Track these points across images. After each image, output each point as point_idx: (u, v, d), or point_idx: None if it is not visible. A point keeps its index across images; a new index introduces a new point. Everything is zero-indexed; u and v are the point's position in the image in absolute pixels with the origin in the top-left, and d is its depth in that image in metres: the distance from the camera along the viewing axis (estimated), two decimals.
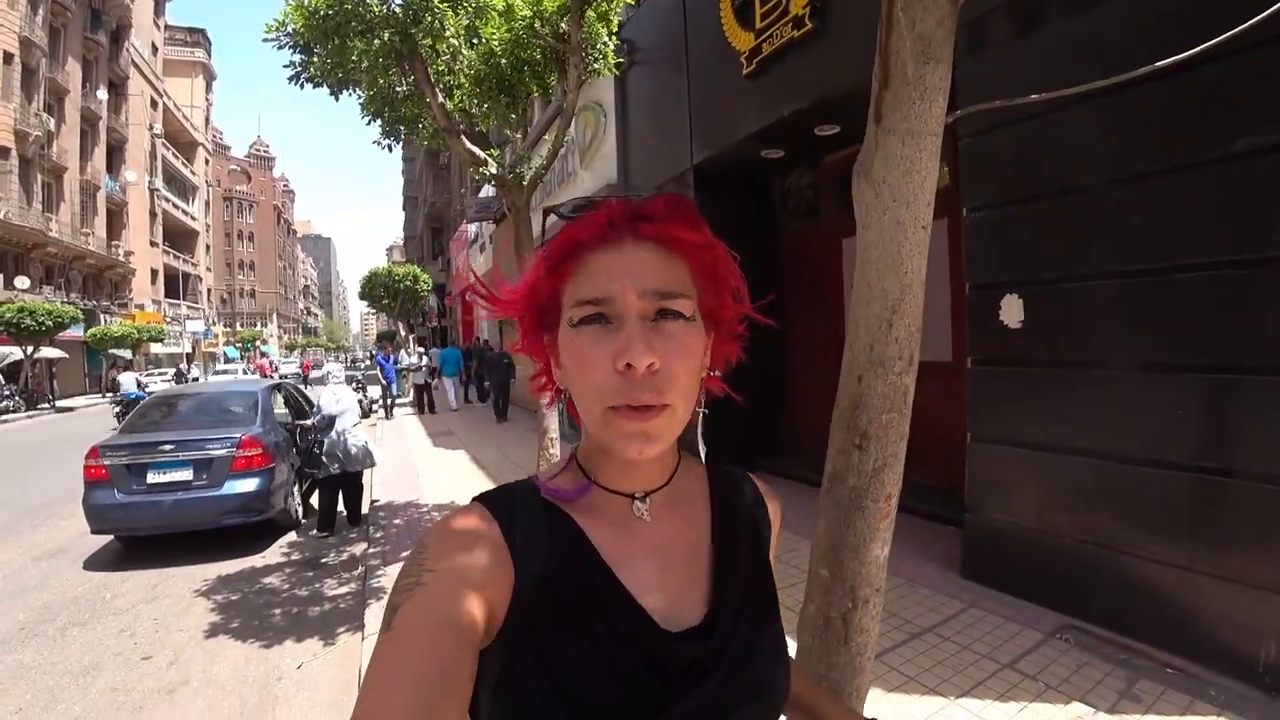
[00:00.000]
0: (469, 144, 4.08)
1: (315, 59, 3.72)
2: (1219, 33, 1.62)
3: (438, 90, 3.87)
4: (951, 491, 4.69)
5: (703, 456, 0.72)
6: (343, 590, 4.60)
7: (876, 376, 1.32)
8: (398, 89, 4.01)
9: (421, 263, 24.26)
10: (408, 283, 16.96)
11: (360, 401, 11.59)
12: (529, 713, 0.55)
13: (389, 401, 15.06)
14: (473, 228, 20.74)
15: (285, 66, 3.84)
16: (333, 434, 5.83)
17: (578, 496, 0.64)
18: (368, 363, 29.28)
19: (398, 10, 3.30)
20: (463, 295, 24.79)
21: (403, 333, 20.22)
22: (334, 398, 5.95)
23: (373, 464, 6.06)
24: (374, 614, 3.91)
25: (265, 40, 3.67)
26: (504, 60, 3.96)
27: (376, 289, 16.98)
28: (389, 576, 4.51)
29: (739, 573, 0.67)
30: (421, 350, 16.80)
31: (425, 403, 15.34)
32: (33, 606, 4.53)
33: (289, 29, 3.67)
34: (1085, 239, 3.37)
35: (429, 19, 3.32)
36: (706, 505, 0.71)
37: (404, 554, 4.94)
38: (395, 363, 15.48)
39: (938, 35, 1.28)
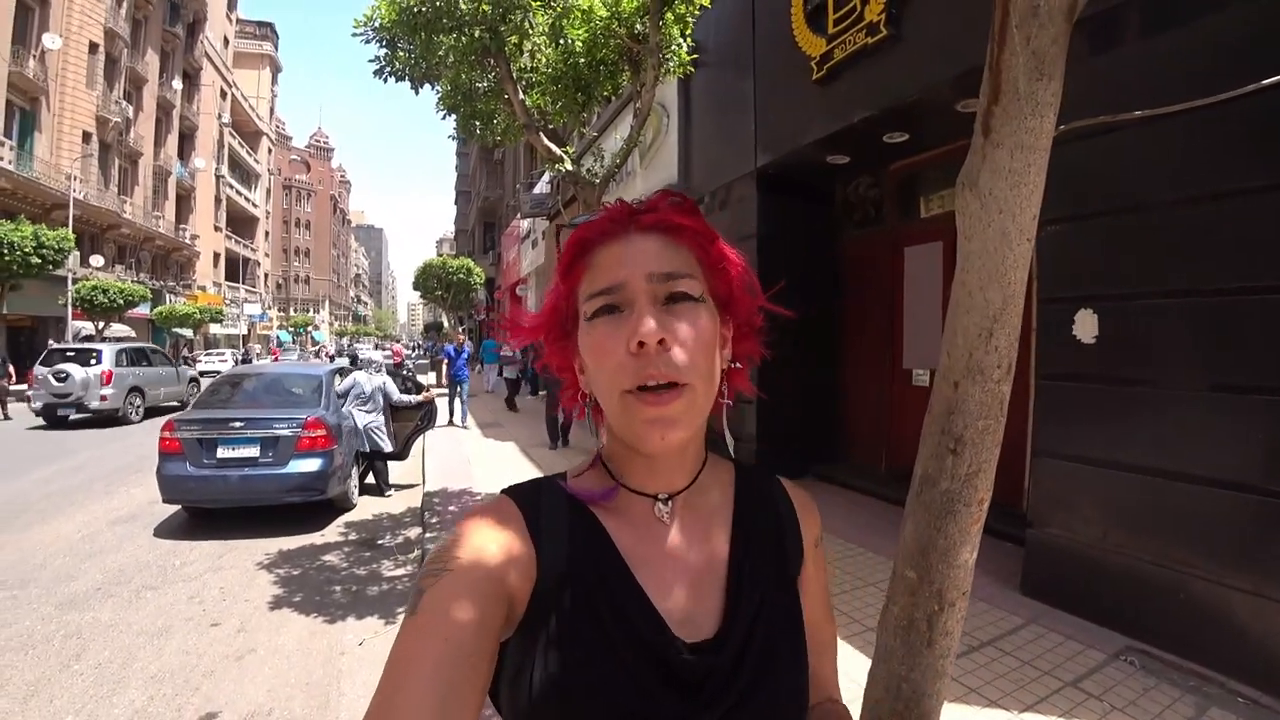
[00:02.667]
0: (546, 140, 4.15)
1: (400, 53, 3.83)
2: None
3: (518, 87, 3.94)
4: (1009, 506, 4.58)
5: (730, 448, 0.73)
6: (399, 572, 4.72)
7: (974, 383, 1.31)
8: (478, 85, 4.10)
9: (472, 255, 24.71)
10: (460, 275, 17.28)
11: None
12: (543, 708, 0.56)
13: (459, 405, 11.93)
14: (525, 223, 21.02)
15: (370, 61, 3.97)
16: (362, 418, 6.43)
17: (602, 498, 0.65)
18: (415, 353, 29.81)
19: (487, 8, 3.38)
20: (512, 290, 25.12)
21: (448, 324, 20.61)
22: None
23: (384, 449, 6.81)
24: None
25: (354, 34, 3.79)
26: (582, 59, 4.01)
27: (430, 280, 17.31)
28: None
29: (756, 583, 0.66)
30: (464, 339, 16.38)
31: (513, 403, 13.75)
32: (108, 568, 4.76)
33: (376, 23, 3.79)
34: (1162, 256, 3.30)
35: (517, 17, 3.39)
36: (729, 510, 0.70)
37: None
38: (465, 357, 12.12)
39: (1052, 52, 1.26)
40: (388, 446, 6.86)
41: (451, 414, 12.05)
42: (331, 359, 42.89)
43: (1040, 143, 1.27)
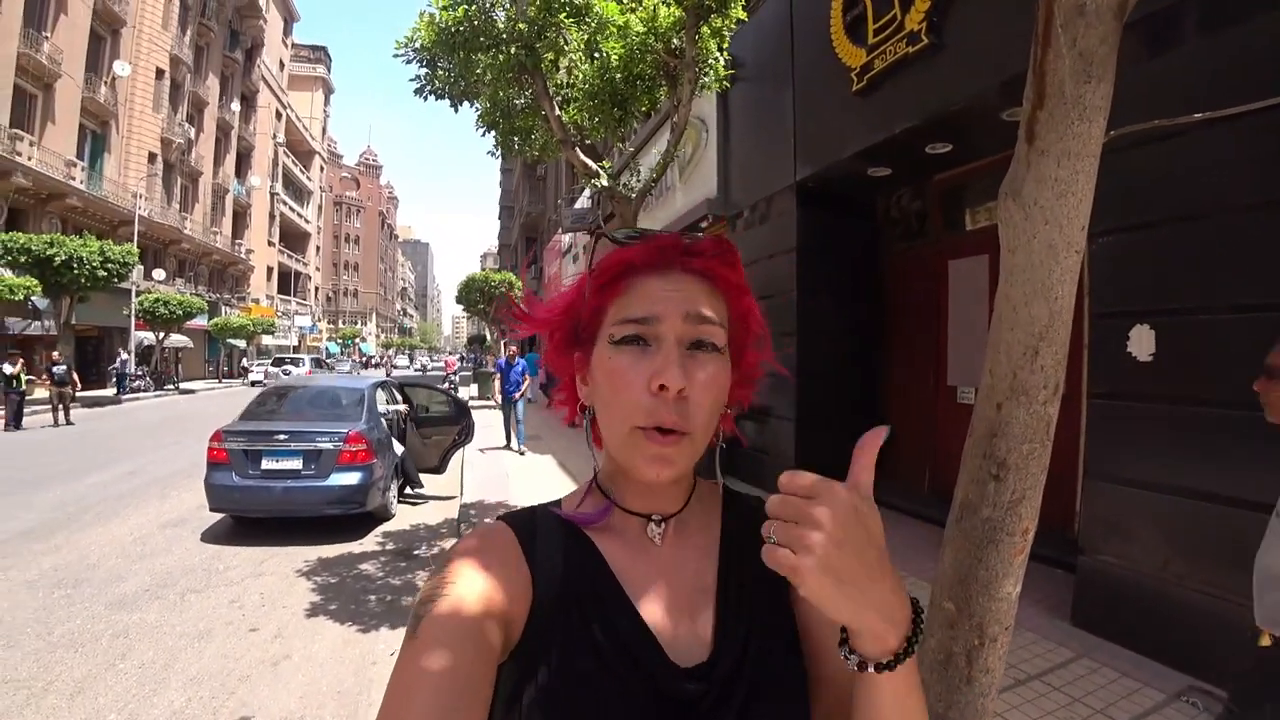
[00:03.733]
0: (582, 155, 4.18)
1: (440, 72, 3.91)
2: None
3: (554, 103, 3.99)
4: (1059, 531, 4.38)
5: (720, 488, 0.74)
6: None
7: (1019, 405, 1.26)
8: (515, 101, 4.17)
9: (515, 269, 25.10)
10: (503, 289, 17.57)
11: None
12: None
13: (513, 428, 10.47)
14: (567, 238, 21.28)
15: (411, 80, 4.06)
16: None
17: (599, 519, 0.66)
18: (461, 365, 30.22)
19: (522, 27, 3.43)
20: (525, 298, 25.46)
21: (490, 337, 20.92)
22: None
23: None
24: None
25: (395, 55, 3.90)
26: (618, 75, 4.04)
27: (473, 294, 17.63)
28: None
29: (744, 605, 0.66)
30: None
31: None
32: (157, 570, 4.91)
33: (416, 44, 3.89)
34: (1223, 268, 3.12)
35: (552, 34, 3.44)
36: (717, 533, 0.71)
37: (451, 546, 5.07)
38: (520, 371, 10.51)
39: (1100, 52, 1.22)
40: None
41: (508, 438, 10.68)
42: (388, 371, 44.02)
43: (1089, 149, 1.21)
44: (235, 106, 37.39)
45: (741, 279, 0.65)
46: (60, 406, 14.09)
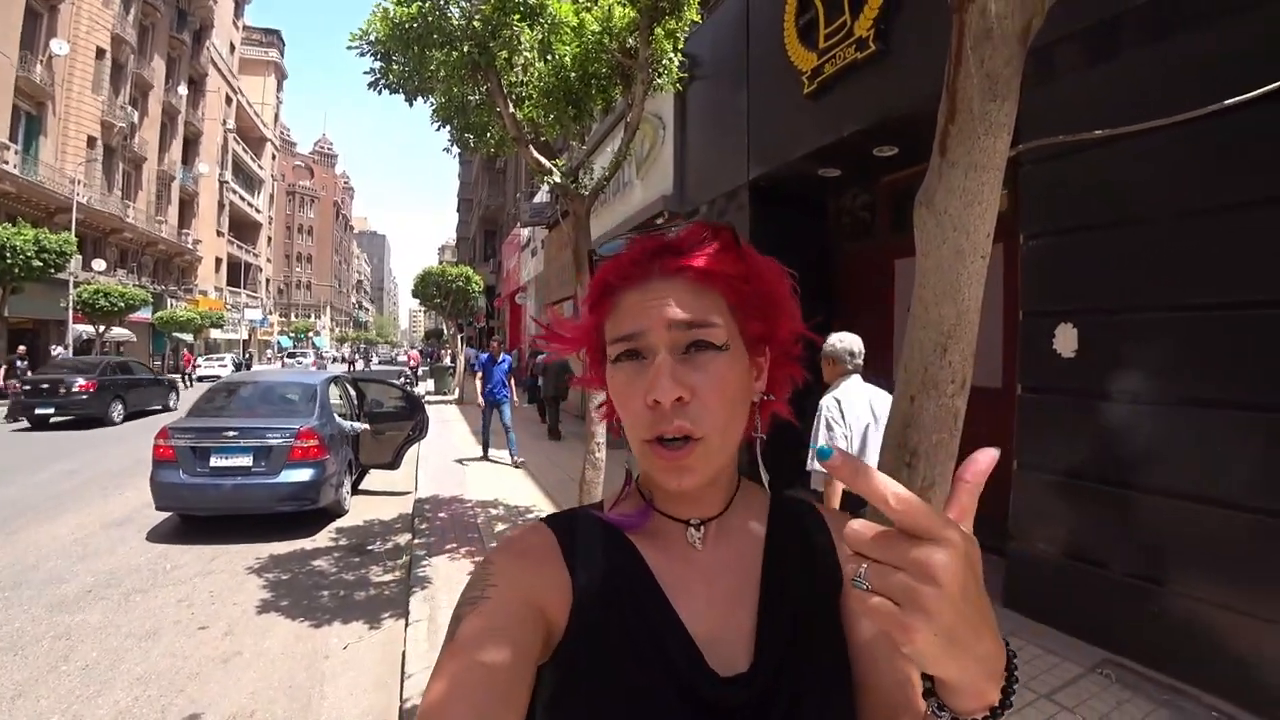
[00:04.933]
0: (535, 152, 4.21)
1: (394, 67, 3.90)
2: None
3: (509, 100, 4.01)
4: (994, 518, 4.61)
5: (765, 483, 0.70)
6: (387, 578, 4.76)
7: (929, 398, 1.34)
8: (470, 98, 4.17)
9: (473, 263, 24.85)
10: (460, 283, 17.34)
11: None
12: None
13: (506, 435, 8.73)
14: (525, 232, 21.14)
15: (365, 73, 4.04)
16: None
17: (638, 523, 0.66)
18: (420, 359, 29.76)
19: (477, 24, 3.45)
20: (511, 298, 25.23)
21: (447, 331, 20.68)
22: None
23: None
24: (418, 602, 4.03)
25: (349, 48, 3.87)
26: (573, 74, 4.08)
27: (429, 287, 17.36)
28: (433, 567, 4.64)
29: (789, 612, 0.64)
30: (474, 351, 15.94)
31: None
32: (100, 571, 4.79)
33: (371, 37, 3.87)
34: (1143, 271, 3.32)
35: (506, 33, 3.46)
36: (761, 538, 0.69)
37: (448, 545, 5.11)
38: (506, 369, 9.17)
39: (1005, 74, 1.32)
40: None
41: (486, 447, 9.15)
42: (351, 365, 42.86)
43: (994, 162, 1.30)
44: (182, 90, 36.00)
45: (731, 265, 0.61)
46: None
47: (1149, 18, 3.25)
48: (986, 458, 0.43)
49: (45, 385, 12.83)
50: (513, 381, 9.29)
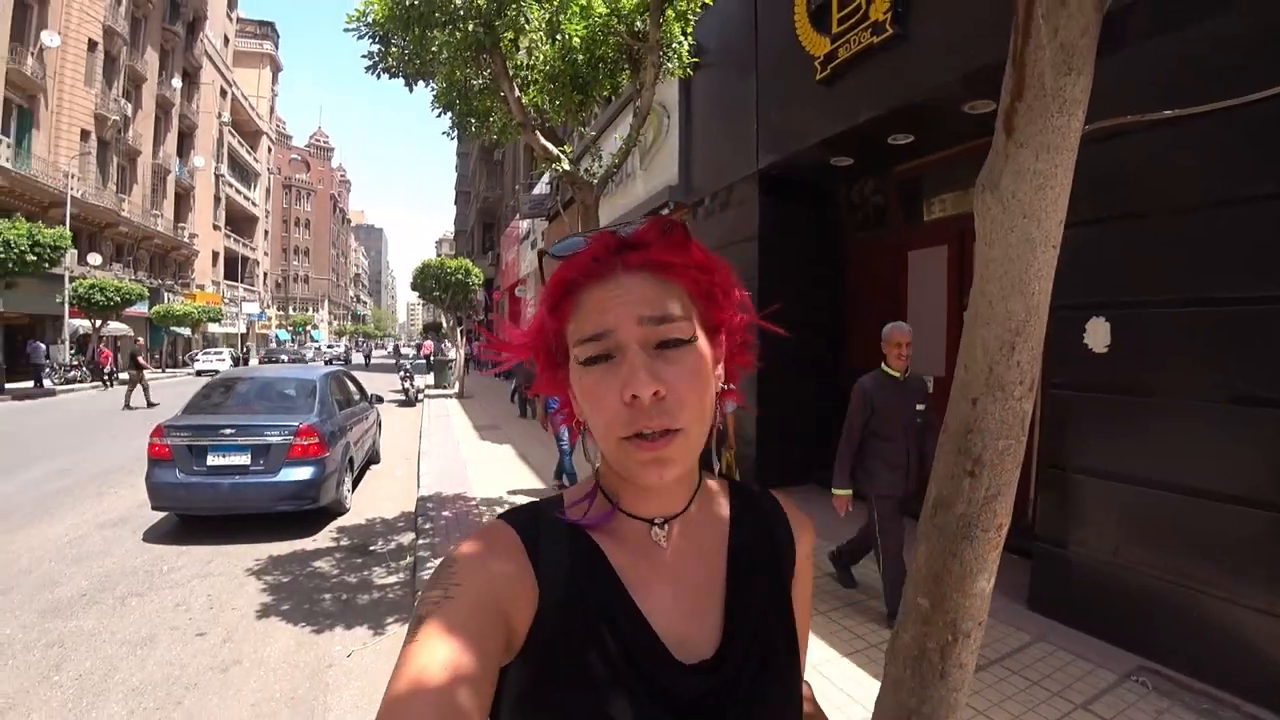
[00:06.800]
0: (543, 139, 4.05)
1: (394, 49, 3.73)
2: None
3: (514, 84, 3.85)
4: (1016, 518, 4.50)
5: (715, 469, 0.73)
6: (391, 580, 4.62)
7: (994, 400, 1.23)
8: (473, 82, 4.00)
9: (472, 256, 24.63)
10: (459, 276, 17.09)
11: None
12: None
13: (565, 463, 6.58)
14: (525, 224, 20.98)
15: (363, 56, 3.87)
16: None
17: (600, 523, 0.65)
18: (414, 353, 29.61)
19: (482, 2, 3.28)
20: (511, 291, 25.10)
21: (446, 324, 20.55)
22: None
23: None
24: None
25: (346, 30, 3.69)
26: (580, 56, 3.92)
27: (428, 280, 17.11)
28: None
29: (754, 603, 0.66)
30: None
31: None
32: (94, 574, 4.66)
33: (369, 18, 3.70)
34: (1179, 263, 3.21)
35: (513, 12, 3.29)
36: (725, 530, 0.70)
37: (453, 545, 4.95)
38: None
39: (1081, 44, 1.19)
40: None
41: (566, 474, 6.55)
42: (367, 358, 42.47)
43: (1068, 142, 1.18)
44: (176, 83, 35.63)
45: (692, 256, 0.61)
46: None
47: None
48: None
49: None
50: None
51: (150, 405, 15.17)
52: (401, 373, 17.28)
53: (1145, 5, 3.28)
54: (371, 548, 5.37)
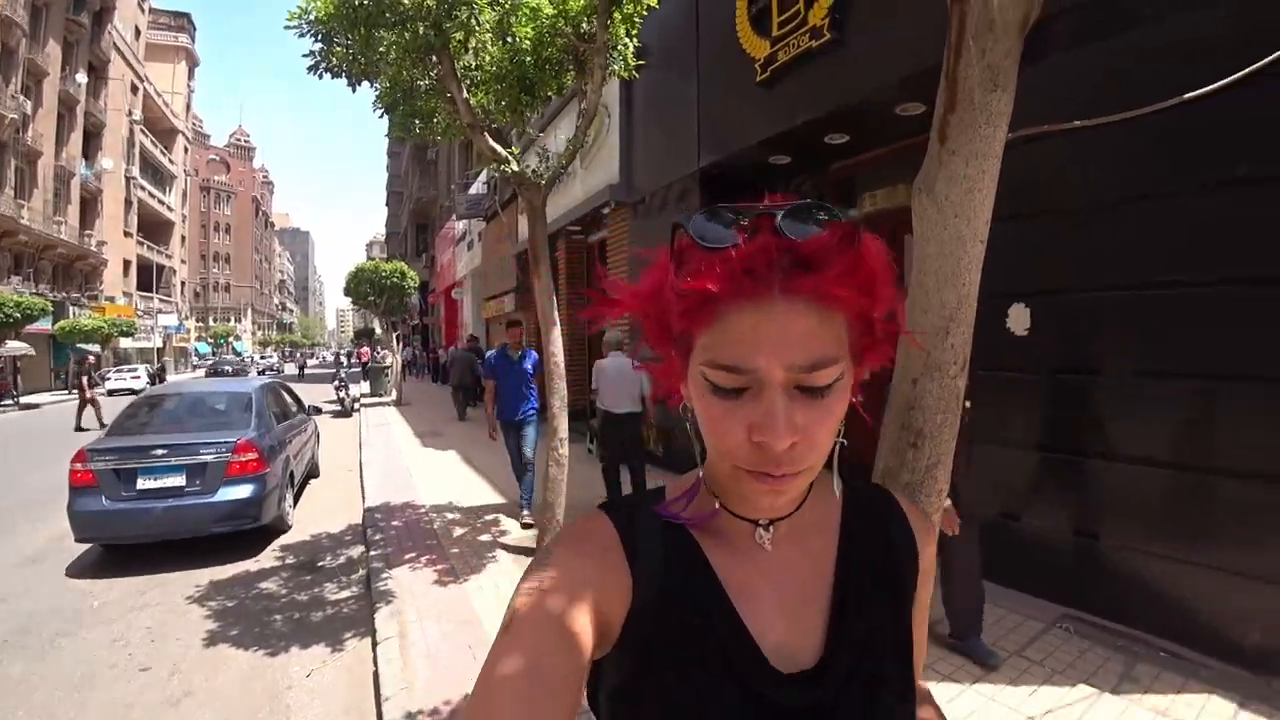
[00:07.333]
0: (491, 140, 3.99)
1: (338, 49, 3.60)
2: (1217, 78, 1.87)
3: (462, 86, 3.77)
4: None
5: (837, 490, 0.67)
6: (344, 594, 4.47)
7: (932, 380, 1.37)
8: (419, 82, 3.90)
9: (405, 258, 23.98)
10: (394, 279, 16.62)
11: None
12: None
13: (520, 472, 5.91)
14: (461, 224, 20.59)
15: (305, 55, 3.72)
16: None
17: (703, 521, 0.62)
18: (347, 362, 28.63)
19: (432, 3, 3.20)
20: (447, 294, 24.59)
21: (378, 330, 19.97)
22: None
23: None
24: (385, 619, 3.79)
25: (287, 27, 3.54)
26: (529, 58, 3.88)
27: (363, 285, 16.56)
28: (395, 579, 4.39)
29: (862, 614, 0.62)
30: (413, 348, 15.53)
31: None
32: (16, 616, 4.31)
33: (312, 16, 3.56)
34: (1089, 254, 3.57)
35: (463, 14, 3.23)
36: (835, 535, 0.66)
37: (407, 556, 4.86)
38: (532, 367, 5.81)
39: (1005, 65, 1.37)
40: None
41: (528, 501, 5.70)
42: (302, 369, 40.18)
43: (993, 150, 1.33)
44: (81, 78, 33.27)
45: (861, 278, 0.50)
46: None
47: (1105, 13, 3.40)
48: None
49: None
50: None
51: (103, 426, 13.99)
52: (336, 382, 16.64)
53: (1062, 26, 3.55)
54: (320, 564, 5.18)
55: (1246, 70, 1.87)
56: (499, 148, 4.06)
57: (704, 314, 0.51)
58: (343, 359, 30.05)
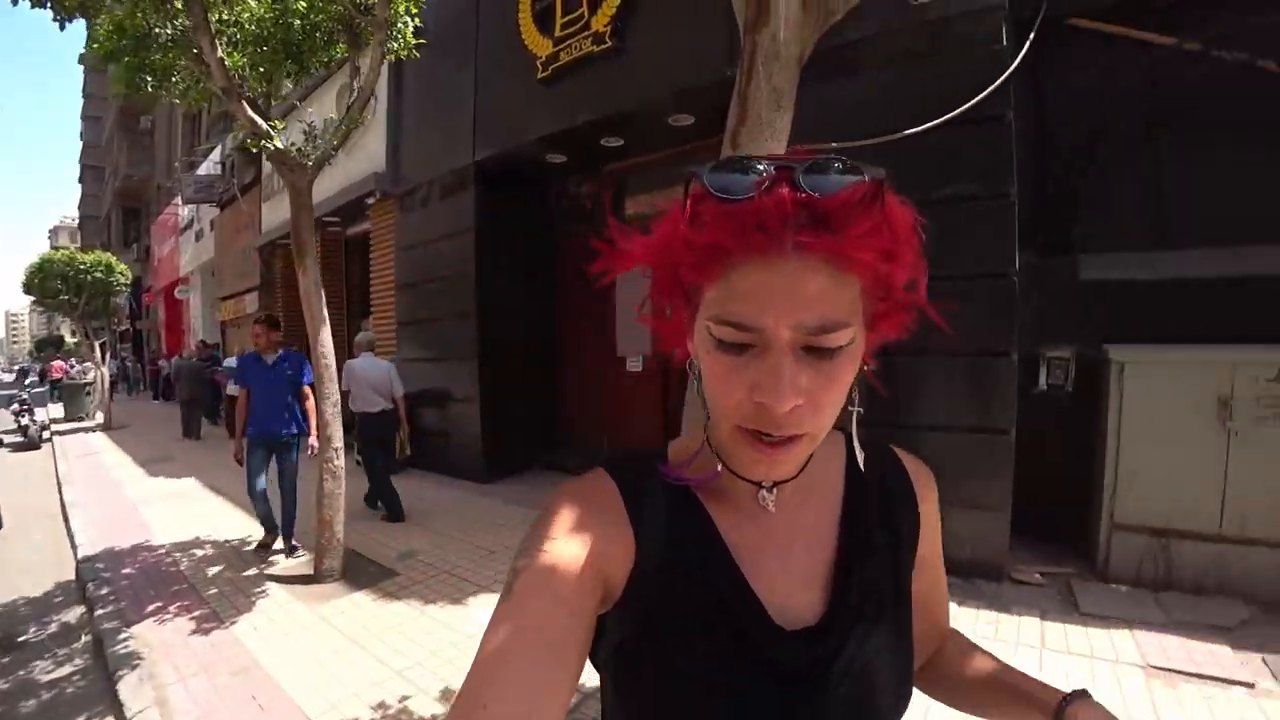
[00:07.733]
0: (251, 111, 3.45)
1: None
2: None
3: (217, 43, 3.20)
4: None
5: (860, 463, 0.63)
6: (63, 671, 3.55)
7: None
8: (157, 30, 3.20)
9: (110, 249, 19.57)
10: (97, 274, 13.28)
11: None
12: (640, 687, 0.59)
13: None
14: (186, 210, 17.59)
15: None
16: None
17: (705, 482, 0.61)
18: (36, 380, 22.93)
19: None
20: (169, 292, 20.84)
21: (69, 338, 16.15)
22: None
23: None
24: (131, 688, 3.08)
25: None
26: (297, 21, 3.42)
27: (51, 281, 12.94)
28: (138, 638, 3.61)
29: (865, 569, 0.62)
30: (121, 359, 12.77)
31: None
32: None
33: None
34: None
35: None
36: (840, 495, 0.66)
37: (150, 608, 4.04)
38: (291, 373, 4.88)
39: (787, 89, 1.69)
40: None
41: (276, 527, 5.07)
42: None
43: None
44: None
45: (884, 240, 0.48)
46: None
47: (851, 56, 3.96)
48: None
49: None
50: (309, 400, 4.88)
51: None
52: (16, 405, 13.00)
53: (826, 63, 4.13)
54: (21, 639, 4.05)
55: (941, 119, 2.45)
56: (260, 120, 3.54)
57: (713, 267, 0.49)
58: (29, 375, 24.14)
